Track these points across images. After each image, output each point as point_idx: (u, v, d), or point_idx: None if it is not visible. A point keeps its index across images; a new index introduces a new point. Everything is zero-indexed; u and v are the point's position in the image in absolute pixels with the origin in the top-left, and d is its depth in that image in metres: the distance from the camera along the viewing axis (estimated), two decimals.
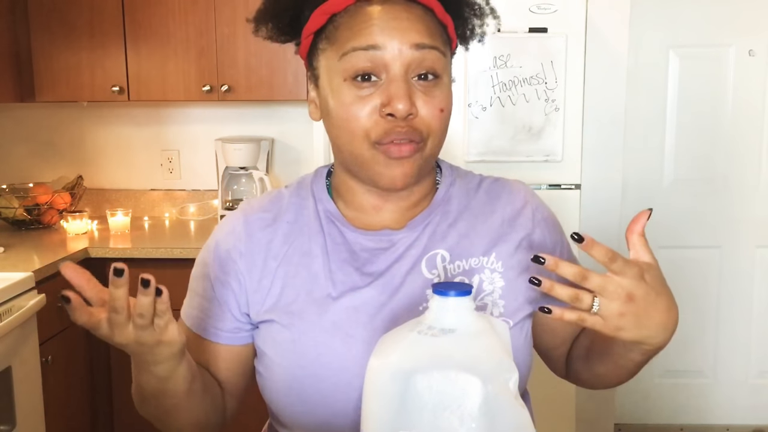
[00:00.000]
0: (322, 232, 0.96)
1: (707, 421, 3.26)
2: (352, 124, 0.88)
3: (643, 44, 3.04)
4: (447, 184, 1.01)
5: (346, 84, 0.89)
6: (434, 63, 0.89)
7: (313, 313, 0.92)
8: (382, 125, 0.88)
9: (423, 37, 0.88)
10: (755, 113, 3.09)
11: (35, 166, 3.18)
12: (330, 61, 0.91)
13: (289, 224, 0.97)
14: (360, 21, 0.88)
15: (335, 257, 0.95)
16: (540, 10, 2.42)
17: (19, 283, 2.12)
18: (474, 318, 0.71)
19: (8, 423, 2.09)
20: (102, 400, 2.67)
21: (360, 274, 0.94)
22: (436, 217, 0.98)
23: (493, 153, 2.46)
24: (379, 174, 0.90)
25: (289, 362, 0.92)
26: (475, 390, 0.67)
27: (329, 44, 0.91)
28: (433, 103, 0.89)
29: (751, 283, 3.19)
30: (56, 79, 2.82)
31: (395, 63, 0.87)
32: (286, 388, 0.93)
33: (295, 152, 3.12)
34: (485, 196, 1.01)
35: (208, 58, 2.77)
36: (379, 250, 0.95)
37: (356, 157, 0.91)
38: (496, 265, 0.96)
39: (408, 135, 0.87)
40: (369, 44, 0.87)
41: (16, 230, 2.89)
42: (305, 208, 0.99)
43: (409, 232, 0.96)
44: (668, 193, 3.16)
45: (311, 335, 0.91)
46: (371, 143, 0.89)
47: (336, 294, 0.93)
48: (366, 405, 0.72)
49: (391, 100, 0.87)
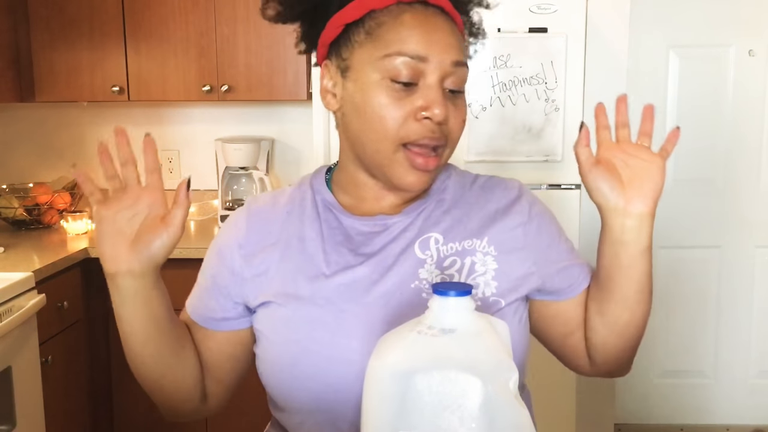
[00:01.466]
0: (318, 218, 0.99)
1: (707, 421, 3.26)
2: (387, 124, 0.91)
3: (643, 44, 3.04)
4: (444, 177, 1.04)
5: (384, 83, 0.91)
6: (464, 78, 0.95)
7: (306, 290, 0.94)
8: (415, 127, 0.91)
9: (460, 54, 0.93)
10: (755, 113, 3.09)
11: (35, 166, 3.18)
12: (369, 56, 0.92)
13: (288, 213, 1.00)
14: (407, 26, 0.91)
15: (330, 240, 0.97)
16: (540, 10, 2.42)
17: (19, 283, 2.12)
18: (474, 318, 0.71)
19: (8, 423, 2.09)
20: (102, 400, 2.67)
21: (354, 254, 0.96)
22: (431, 204, 1.00)
23: (493, 153, 2.46)
24: (399, 178, 0.93)
25: (283, 338, 0.94)
26: (475, 390, 0.67)
27: (370, 40, 0.92)
28: (459, 113, 0.94)
29: (751, 283, 3.19)
30: (56, 79, 2.82)
31: (435, 74, 0.91)
32: (281, 364, 0.94)
33: (295, 152, 3.12)
34: (480, 190, 1.04)
35: (208, 58, 2.77)
36: (373, 233, 0.97)
37: (380, 157, 0.93)
38: (489, 249, 0.97)
39: (440, 140, 0.92)
40: (417, 54, 0.90)
41: (16, 230, 2.89)
42: (303, 198, 1.02)
43: (404, 217, 0.98)
44: (668, 193, 3.12)
45: (304, 311, 0.93)
46: (399, 145, 0.91)
47: (329, 272, 0.95)
48: (366, 405, 0.72)
49: (430, 104, 0.90)
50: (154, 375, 0.96)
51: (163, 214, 0.89)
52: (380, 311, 0.92)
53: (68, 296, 2.44)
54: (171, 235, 0.88)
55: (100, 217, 0.88)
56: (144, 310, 0.90)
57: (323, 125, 2.47)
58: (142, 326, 0.91)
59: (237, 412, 2.62)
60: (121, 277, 0.88)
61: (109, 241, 0.87)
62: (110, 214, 0.87)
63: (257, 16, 2.90)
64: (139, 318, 0.91)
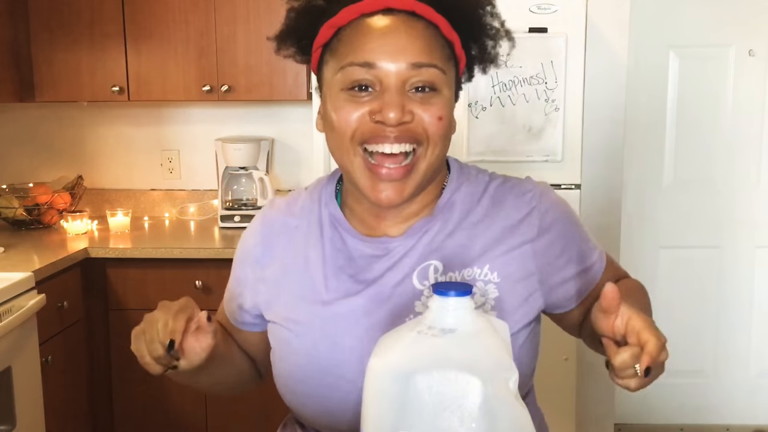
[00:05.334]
0: (322, 237, 1.00)
1: (707, 421, 3.26)
2: (342, 126, 0.91)
3: (643, 44, 3.04)
4: (452, 190, 1.00)
5: (342, 93, 0.91)
6: (432, 78, 0.90)
7: (306, 317, 0.97)
8: (370, 128, 0.89)
9: (421, 55, 0.89)
10: (755, 113, 3.09)
11: (35, 166, 3.18)
12: (330, 73, 0.93)
13: (296, 229, 1.02)
14: (360, 36, 0.90)
15: (332, 263, 0.98)
16: (540, 10, 2.42)
17: (19, 283, 2.12)
18: (474, 318, 0.71)
19: (8, 423, 2.09)
20: (102, 400, 2.67)
21: (353, 281, 0.96)
22: (435, 225, 0.97)
23: (493, 153, 2.46)
24: (368, 191, 0.93)
25: (287, 362, 0.99)
26: (475, 390, 0.67)
27: (332, 57, 0.93)
28: (432, 110, 0.90)
29: (750, 283, 3.19)
30: (56, 79, 2.81)
31: (390, 78, 0.88)
32: (287, 381, 0.99)
33: (295, 152, 3.12)
34: (489, 202, 0.99)
35: (208, 58, 2.77)
36: (375, 257, 0.97)
37: (345, 162, 0.93)
38: (490, 276, 0.95)
39: (401, 139, 0.88)
40: (365, 61, 0.89)
41: (16, 230, 2.89)
42: (312, 212, 1.03)
43: (406, 240, 0.97)
44: (668, 193, 3.16)
45: (304, 339, 0.96)
46: (356, 146, 0.91)
47: (327, 299, 0.97)
48: (366, 405, 0.72)
49: (383, 107, 0.88)
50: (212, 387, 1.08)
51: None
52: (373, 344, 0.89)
53: (68, 296, 2.44)
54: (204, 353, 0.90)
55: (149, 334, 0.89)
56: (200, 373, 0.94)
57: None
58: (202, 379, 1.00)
59: (237, 411, 2.62)
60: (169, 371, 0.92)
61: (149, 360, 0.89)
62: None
63: (257, 16, 2.92)
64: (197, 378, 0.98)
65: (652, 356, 0.78)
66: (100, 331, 2.61)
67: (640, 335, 0.79)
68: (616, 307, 0.81)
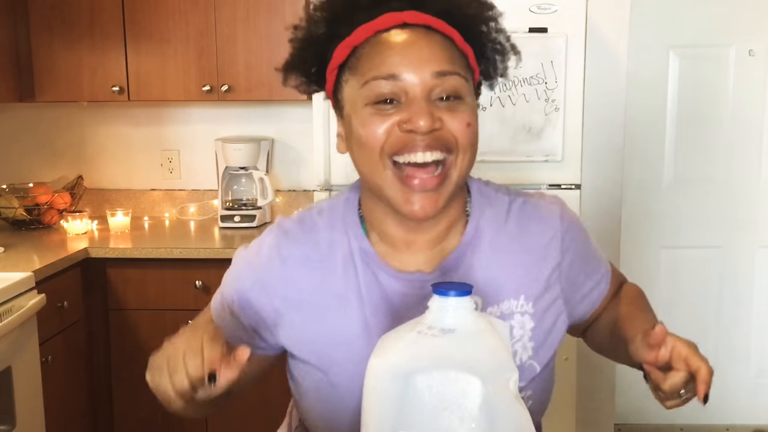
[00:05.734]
0: (356, 274, 0.96)
1: (707, 421, 3.25)
2: (371, 140, 0.89)
3: (643, 44, 3.04)
4: (476, 218, 0.99)
5: (368, 108, 0.90)
6: (456, 86, 0.90)
7: (350, 362, 0.94)
8: (400, 138, 0.88)
9: (443, 64, 0.89)
10: (755, 113, 3.09)
11: (35, 165, 3.17)
12: (353, 90, 0.92)
13: (321, 262, 0.98)
14: (381, 50, 0.90)
15: (369, 303, 0.95)
16: (540, 10, 2.42)
17: (19, 283, 2.12)
18: (474, 318, 0.71)
19: (8, 423, 2.09)
20: (102, 400, 2.67)
21: (394, 321, 0.91)
22: (466, 259, 0.97)
23: (493, 153, 2.45)
24: (399, 204, 0.90)
25: (328, 401, 0.96)
26: (475, 390, 0.67)
27: (352, 74, 0.92)
28: (460, 117, 0.90)
29: (751, 283, 3.19)
30: (56, 79, 2.81)
31: (415, 88, 0.88)
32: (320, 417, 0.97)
33: (295, 152, 3.12)
34: (515, 227, 1.00)
35: (208, 58, 2.77)
36: (410, 296, 0.94)
37: (376, 177, 0.91)
38: (526, 307, 0.97)
39: (432, 147, 0.88)
40: (390, 73, 0.88)
41: (16, 230, 2.89)
42: (339, 244, 0.98)
43: (441, 277, 0.96)
44: (668, 193, 3.16)
45: (351, 382, 0.92)
46: (387, 159, 0.89)
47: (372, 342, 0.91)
48: (366, 405, 0.72)
49: (411, 116, 0.87)
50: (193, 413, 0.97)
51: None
52: None
53: (68, 296, 2.44)
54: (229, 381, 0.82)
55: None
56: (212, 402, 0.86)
57: (323, 125, 2.47)
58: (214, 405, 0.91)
59: (238, 411, 2.61)
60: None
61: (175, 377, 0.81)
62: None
63: (257, 16, 2.91)
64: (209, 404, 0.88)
65: (707, 383, 0.87)
66: (100, 331, 2.61)
67: (689, 362, 0.86)
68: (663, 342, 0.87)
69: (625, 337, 0.98)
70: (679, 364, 0.86)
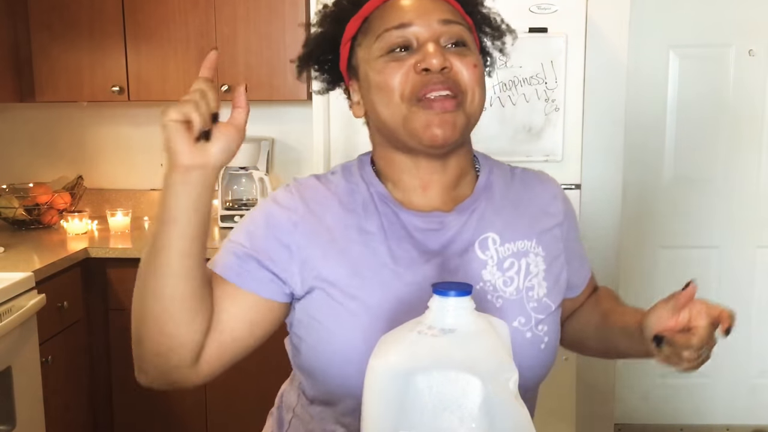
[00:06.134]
0: (377, 212, 1.00)
1: (707, 421, 3.26)
2: (390, 84, 0.95)
3: (643, 44, 3.04)
4: (487, 172, 1.07)
5: (383, 58, 0.96)
6: (461, 33, 0.97)
7: (378, 288, 0.95)
8: (417, 80, 0.94)
9: (448, 14, 0.97)
10: (755, 113, 3.09)
11: (35, 166, 3.18)
12: (366, 49, 0.99)
13: (342, 204, 1.00)
14: (390, 9, 0.98)
15: (393, 235, 0.98)
16: (540, 10, 2.42)
17: (19, 283, 2.12)
18: (474, 318, 0.71)
19: (8, 423, 2.09)
20: (102, 400, 2.67)
21: (418, 251, 0.97)
22: (481, 203, 1.03)
23: (493, 153, 2.44)
24: (419, 129, 0.94)
25: (352, 333, 0.94)
26: (475, 390, 0.67)
27: (364, 37, 0.99)
28: (466, 60, 0.96)
29: (750, 283, 3.19)
30: (56, 79, 2.82)
31: (425, 34, 0.95)
32: (346, 357, 0.94)
33: (296, 152, 3.12)
34: (521, 185, 1.08)
35: None
36: (431, 230, 0.99)
37: (395, 119, 0.96)
38: (538, 250, 1.03)
39: (446, 85, 0.93)
40: (400, 23, 0.96)
41: (16, 230, 2.89)
42: (357, 191, 1.02)
43: (459, 216, 1.00)
44: (668, 193, 3.16)
45: (378, 311, 0.94)
46: (408, 100, 0.94)
47: (399, 270, 0.96)
48: (366, 405, 0.72)
49: (425, 56, 0.94)
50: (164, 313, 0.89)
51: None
52: None
53: (68, 296, 2.44)
54: (238, 134, 0.89)
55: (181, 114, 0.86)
56: (201, 213, 0.88)
57: (323, 125, 2.47)
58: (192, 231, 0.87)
59: (238, 410, 2.62)
60: (196, 171, 0.86)
61: (185, 136, 0.86)
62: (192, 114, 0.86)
63: (257, 16, 2.91)
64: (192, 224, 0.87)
65: (731, 317, 0.92)
66: (100, 331, 2.61)
67: (710, 311, 0.92)
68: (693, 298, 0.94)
69: (623, 325, 1.03)
70: (700, 319, 0.91)
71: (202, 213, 0.88)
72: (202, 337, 0.92)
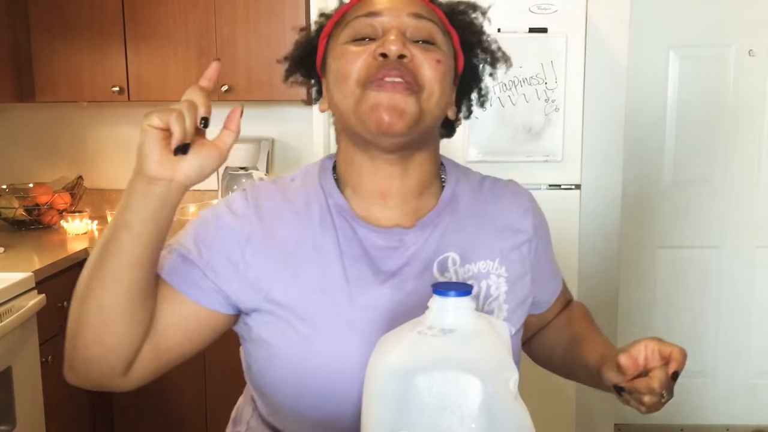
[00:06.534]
0: (333, 226, 0.95)
1: (707, 421, 3.26)
2: (347, 69, 0.91)
3: (643, 44, 3.04)
4: (453, 183, 1.01)
5: (347, 45, 0.93)
6: (431, 31, 0.93)
7: (328, 310, 0.91)
8: (373, 65, 0.90)
9: (421, 9, 0.94)
10: (755, 113, 3.09)
11: (35, 166, 3.18)
12: (337, 37, 0.96)
13: (298, 216, 0.95)
14: (365, 1, 0.95)
15: (348, 253, 0.93)
16: (540, 11, 2.42)
17: (19, 283, 2.12)
18: (474, 318, 0.71)
19: (8, 423, 2.09)
20: (102, 400, 2.67)
21: (373, 272, 0.93)
22: (444, 218, 0.98)
23: (493, 153, 2.46)
24: (367, 111, 0.89)
25: (298, 358, 0.90)
26: (475, 390, 0.67)
27: (337, 28, 0.97)
28: (430, 55, 0.91)
29: (750, 283, 3.19)
30: (56, 80, 2.82)
31: (392, 23, 0.92)
32: (292, 381, 0.91)
33: (296, 152, 3.12)
34: (490, 196, 1.03)
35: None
36: (389, 248, 0.94)
37: (348, 104, 0.91)
38: (500, 270, 0.98)
39: (401, 72, 0.88)
40: (369, 11, 0.93)
41: (16, 230, 2.89)
42: (314, 200, 0.97)
43: (420, 232, 0.96)
44: (668, 193, 3.16)
45: (327, 333, 0.90)
46: (363, 85, 0.90)
47: (351, 291, 0.91)
48: (366, 405, 0.72)
49: (384, 42, 0.90)
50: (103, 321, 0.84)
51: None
52: None
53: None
54: (218, 157, 0.84)
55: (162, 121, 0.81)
56: (159, 226, 0.84)
57: (323, 125, 2.47)
58: (146, 241, 0.83)
59: None
60: (161, 183, 0.82)
61: (160, 145, 0.81)
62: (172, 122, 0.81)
63: (257, 16, 2.91)
64: (147, 235, 0.83)
65: (678, 361, 0.90)
66: None
67: (662, 351, 0.90)
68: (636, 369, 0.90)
69: (585, 362, 1.01)
70: (654, 360, 0.89)
71: (161, 226, 0.84)
72: (138, 347, 0.87)
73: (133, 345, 0.86)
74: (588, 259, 2.72)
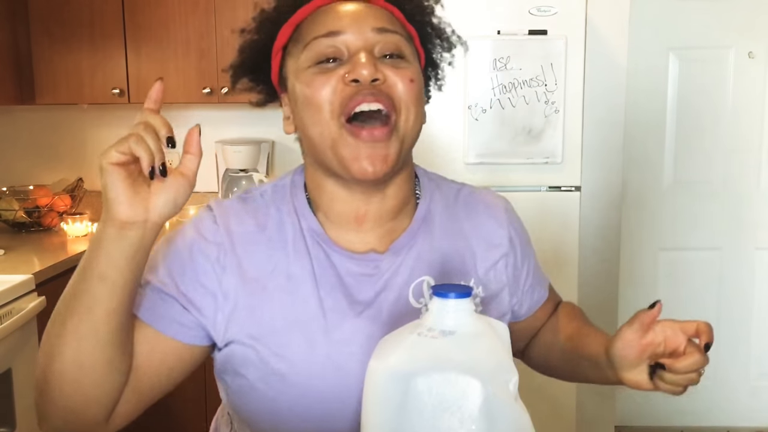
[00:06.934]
0: (308, 253, 0.91)
1: (708, 423, 3.25)
2: (317, 98, 0.87)
3: (643, 46, 3.05)
4: (427, 199, 0.99)
5: (311, 69, 0.89)
6: (398, 44, 0.89)
7: (304, 344, 0.88)
8: (348, 91, 0.86)
9: (384, 22, 0.89)
10: (755, 115, 3.09)
11: (35, 168, 3.18)
12: (295, 59, 0.91)
13: (271, 242, 0.92)
14: (321, 15, 0.90)
15: (323, 282, 0.90)
16: (540, 13, 2.42)
17: (19, 285, 2.12)
18: (474, 320, 0.71)
19: (8, 425, 2.09)
20: None
21: (349, 302, 0.90)
22: (419, 239, 0.95)
23: (493, 155, 2.46)
24: (348, 160, 0.86)
25: (275, 392, 0.88)
26: (475, 392, 0.67)
27: (294, 45, 0.92)
28: (402, 73, 0.88)
29: (751, 284, 3.19)
30: (56, 82, 2.82)
31: (356, 43, 0.88)
32: (268, 416, 0.90)
33: (296, 154, 3.09)
34: (464, 211, 1.01)
35: (209, 61, 2.77)
36: (364, 276, 0.92)
37: (324, 140, 0.88)
38: (476, 291, 0.97)
39: (376, 97, 0.85)
40: (329, 30, 0.88)
41: (17, 232, 2.89)
42: (287, 223, 0.93)
43: (394, 257, 0.93)
44: (668, 195, 3.16)
45: (302, 369, 0.88)
46: (338, 117, 0.86)
47: (327, 324, 0.89)
48: (366, 407, 0.72)
49: (354, 66, 0.86)
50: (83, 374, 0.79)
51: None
52: None
53: None
54: (187, 184, 0.80)
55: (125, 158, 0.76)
56: (136, 271, 0.79)
57: None
58: (123, 288, 0.78)
59: None
60: (135, 227, 0.76)
61: (125, 184, 0.75)
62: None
63: None
64: (124, 282, 0.78)
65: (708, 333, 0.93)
66: None
67: (685, 328, 0.92)
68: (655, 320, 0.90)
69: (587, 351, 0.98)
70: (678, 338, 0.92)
71: (136, 270, 0.79)
72: (120, 392, 0.84)
73: (115, 392, 0.83)
74: (588, 261, 2.72)
